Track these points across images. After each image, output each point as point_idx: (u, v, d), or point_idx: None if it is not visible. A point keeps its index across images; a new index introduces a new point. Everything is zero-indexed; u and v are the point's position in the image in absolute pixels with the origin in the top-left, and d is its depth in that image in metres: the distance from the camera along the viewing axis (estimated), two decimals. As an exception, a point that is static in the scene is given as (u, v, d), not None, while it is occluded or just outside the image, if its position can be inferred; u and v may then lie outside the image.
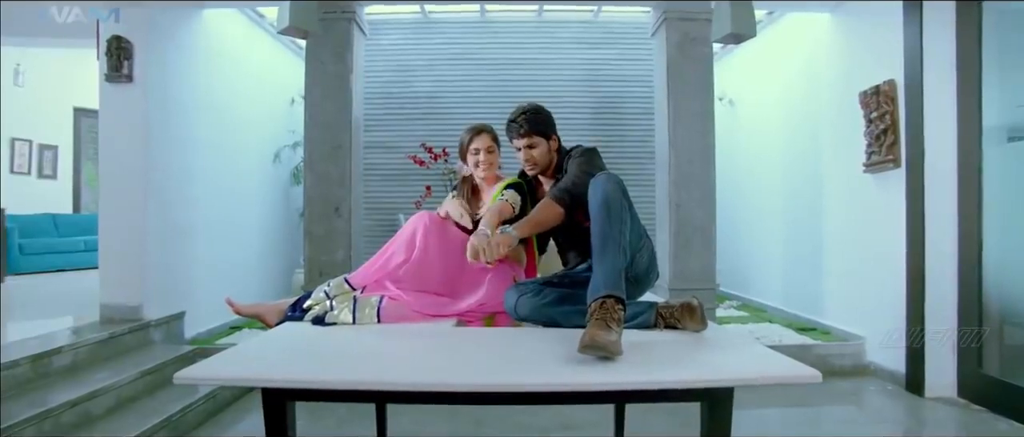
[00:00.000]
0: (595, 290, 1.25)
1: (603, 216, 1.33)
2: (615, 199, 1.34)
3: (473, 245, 1.42)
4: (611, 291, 1.23)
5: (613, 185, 1.36)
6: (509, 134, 1.77)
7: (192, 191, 3.41)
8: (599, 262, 1.29)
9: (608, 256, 1.29)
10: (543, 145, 1.75)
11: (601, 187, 1.36)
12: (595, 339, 1.10)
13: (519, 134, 1.73)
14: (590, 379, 1.04)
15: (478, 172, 1.84)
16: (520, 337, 1.42)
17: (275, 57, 4.57)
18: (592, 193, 1.38)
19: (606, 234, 1.31)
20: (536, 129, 1.73)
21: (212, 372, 1.05)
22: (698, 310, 1.40)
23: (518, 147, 1.76)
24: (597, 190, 1.36)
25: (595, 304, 1.22)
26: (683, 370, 1.10)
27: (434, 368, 1.15)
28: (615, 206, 1.34)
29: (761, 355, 1.19)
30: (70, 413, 1.99)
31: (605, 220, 1.32)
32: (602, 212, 1.33)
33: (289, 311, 1.64)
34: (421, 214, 1.71)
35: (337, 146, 3.33)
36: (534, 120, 1.73)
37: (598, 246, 1.31)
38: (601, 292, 1.23)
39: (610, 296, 1.22)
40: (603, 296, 1.22)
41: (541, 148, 1.75)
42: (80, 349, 2.41)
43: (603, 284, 1.25)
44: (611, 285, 1.24)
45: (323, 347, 1.30)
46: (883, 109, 2.90)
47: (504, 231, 1.48)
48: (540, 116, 1.75)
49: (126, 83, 2.90)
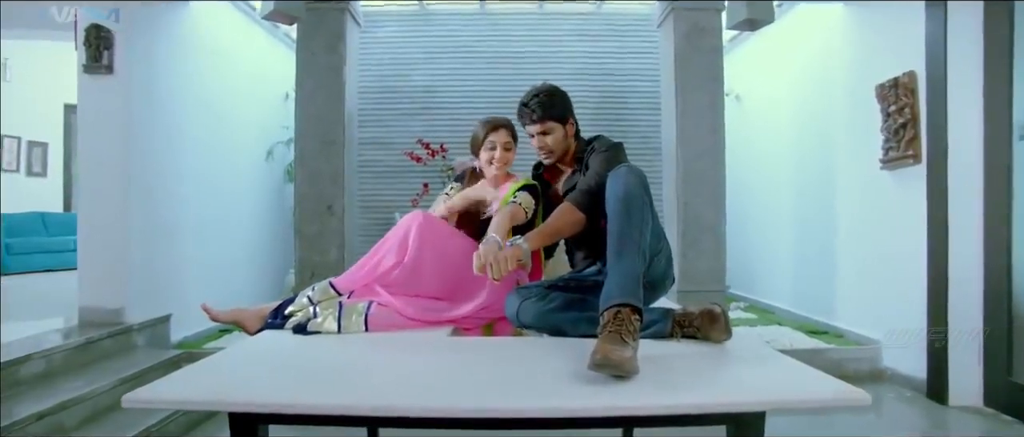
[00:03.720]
0: (609, 297, 1.11)
1: (622, 214, 1.18)
2: (636, 195, 1.21)
3: (481, 255, 1.26)
4: (627, 299, 1.09)
5: (635, 180, 1.23)
6: (521, 119, 1.64)
7: (180, 189, 3.27)
8: (615, 265, 1.15)
9: (625, 259, 1.14)
10: (558, 131, 1.61)
11: (622, 181, 1.22)
12: (609, 356, 0.96)
13: (532, 120, 1.60)
14: (601, 403, 0.90)
15: (491, 169, 1.69)
16: (522, 350, 1.28)
17: (269, 51, 4.42)
18: (611, 187, 1.24)
19: (624, 234, 1.17)
20: (551, 114, 1.59)
21: (168, 393, 0.91)
22: (721, 318, 1.26)
23: (531, 134, 1.63)
24: (617, 184, 1.22)
25: (609, 313, 1.08)
26: (707, 390, 0.96)
27: (426, 388, 1.01)
28: (636, 203, 1.20)
29: (796, 372, 1.05)
30: (38, 426, 1.85)
31: (624, 219, 1.18)
32: (621, 209, 1.19)
33: (269, 318, 1.50)
34: (415, 213, 1.57)
35: (330, 141, 3.19)
36: (549, 103, 1.59)
37: (614, 247, 1.17)
38: (615, 300, 1.09)
39: (626, 305, 1.08)
40: (618, 305, 1.08)
41: (556, 135, 1.61)
42: (54, 355, 2.27)
43: (618, 291, 1.10)
44: (627, 292, 1.10)
45: (303, 360, 1.16)
46: (902, 102, 2.76)
47: (515, 243, 1.32)
48: (555, 99, 1.61)
49: (106, 74, 2.75)
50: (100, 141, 2.82)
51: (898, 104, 2.78)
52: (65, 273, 5.51)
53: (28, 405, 1.91)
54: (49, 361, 2.24)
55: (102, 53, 2.71)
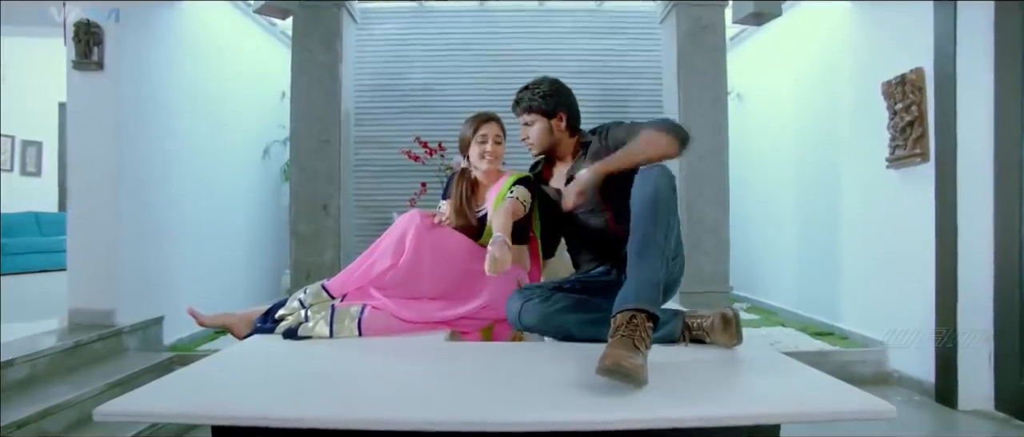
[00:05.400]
0: (625, 300, 1.05)
1: (649, 216, 1.13)
2: (666, 198, 1.16)
3: (494, 257, 1.21)
4: (644, 305, 1.03)
5: (665, 182, 1.18)
6: (512, 109, 1.67)
7: (173, 188, 3.20)
8: (635, 268, 1.10)
9: (647, 263, 1.09)
10: (541, 124, 1.61)
11: (653, 181, 1.17)
12: (620, 363, 0.91)
13: (518, 110, 1.64)
14: (610, 416, 0.84)
15: (482, 164, 1.64)
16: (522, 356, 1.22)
17: (265, 48, 4.36)
18: (641, 185, 1.18)
19: (648, 236, 1.12)
20: (534, 107, 1.61)
21: (145, 405, 0.85)
22: (733, 322, 1.20)
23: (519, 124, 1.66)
24: (647, 183, 1.17)
25: (622, 317, 1.02)
26: (721, 401, 0.90)
27: (422, 398, 0.95)
28: (663, 207, 1.15)
29: (813, 381, 0.99)
30: (19, 434, 1.79)
31: (650, 221, 1.13)
32: (648, 211, 1.14)
33: (258, 322, 1.44)
34: (412, 214, 1.51)
35: (325, 140, 3.13)
36: (535, 96, 1.61)
37: (637, 249, 1.12)
38: (631, 304, 1.04)
39: (642, 311, 1.02)
40: (633, 309, 1.03)
41: (539, 127, 1.61)
42: (39, 359, 2.20)
43: (635, 295, 1.05)
44: (644, 298, 1.05)
45: (291, 368, 1.10)
46: (909, 100, 2.71)
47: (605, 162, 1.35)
48: (542, 92, 1.61)
49: (96, 71, 2.69)
50: (90, 139, 2.75)
51: (905, 102, 2.72)
52: (60, 274, 5.43)
53: (8, 412, 1.83)
54: (33, 366, 2.17)
55: (92, 49, 2.65)
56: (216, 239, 3.64)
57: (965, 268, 2.44)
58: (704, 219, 3.08)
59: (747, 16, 2.27)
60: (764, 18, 2.31)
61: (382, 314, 1.39)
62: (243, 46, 4.01)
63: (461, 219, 1.62)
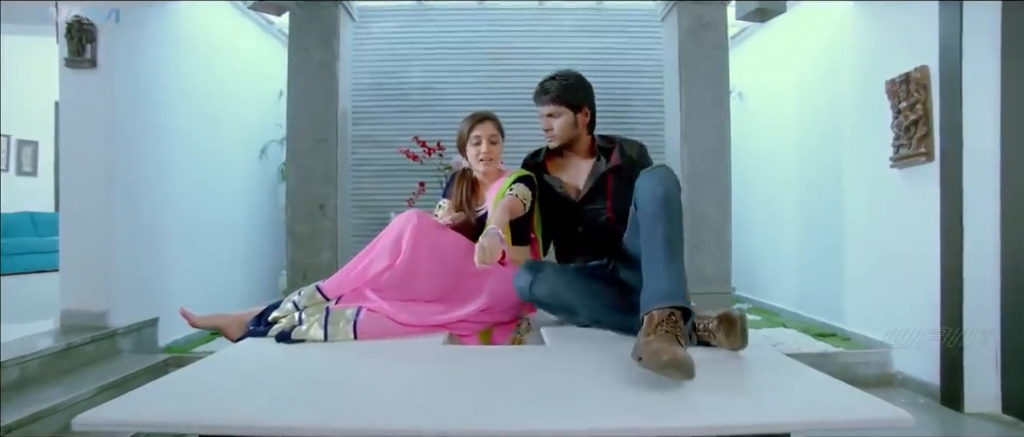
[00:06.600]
0: (662, 297, 1.08)
1: (665, 216, 1.18)
2: (677, 197, 1.22)
3: (483, 247, 1.22)
4: (682, 302, 1.07)
5: (673, 182, 1.23)
6: (535, 100, 1.64)
7: (169, 188, 3.16)
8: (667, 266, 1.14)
9: (677, 261, 1.15)
10: (567, 116, 1.60)
11: (662, 183, 1.21)
12: (678, 357, 0.91)
13: (542, 100, 1.61)
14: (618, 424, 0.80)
15: (479, 166, 1.61)
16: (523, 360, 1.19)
17: (262, 46, 4.32)
18: (651, 187, 1.22)
19: (672, 236, 1.17)
20: (562, 98, 1.59)
21: (127, 414, 0.82)
22: (738, 324, 1.18)
23: (541, 115, 1.63)
24: (656, 185, 1.21)
25: (660, 314, 1.04)
26: (729, 408, 0.87)
27: (420, 406, 0.91)
28: (677, 206, 1.21)
29: (823, 387, 0.96)
30: (8, 439, 1.75)
31: (667, 220, 1.18)
32: (663, 210, 1.18)
33: (251, 324, 1.40)
34: (409, 213, 1.47)
35: (322, 139, 3.09)
36: (564, 87, 1.59)
37: (663, 248, 1.16)
38: (670, 301, 1.06)
39: (680, 307, 1.06)
40: (671, 306, 1.05)
41: (564, 119, 1.60)
42: (29, 362, 2.16)
43: (671, 292, 1.08)
44: (681, 296, 1.08)
45: (284, 373, 1.06)
46: (914, 98, 2.67)
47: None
48: (571, 84, 1.60)
49: (89, 69, 2.65)
50: (83, 137, 2.72)
51: (909, 100, 2.69)
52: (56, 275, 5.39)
53: (-2, 417, 1.80)
54: (24, 368, 2.13)
55: (84, 47, 2.61)
56: (212, 239, 3.60)
57: (970, 269, 2.41)
58: (706, 219, 3.05)
59: (751, 13, 2.24)
60: (768, 14, 2.28)
61: (378, 317, 1.35)
62: (240, 44, 3.97)
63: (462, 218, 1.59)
